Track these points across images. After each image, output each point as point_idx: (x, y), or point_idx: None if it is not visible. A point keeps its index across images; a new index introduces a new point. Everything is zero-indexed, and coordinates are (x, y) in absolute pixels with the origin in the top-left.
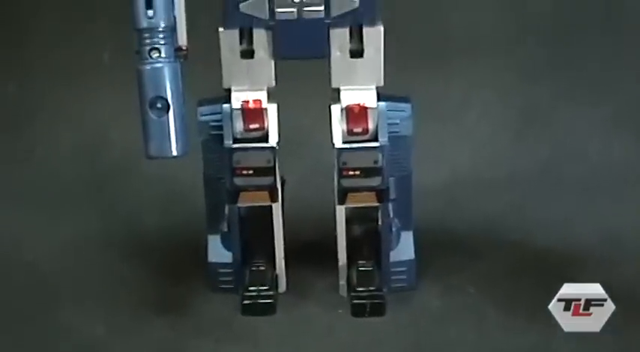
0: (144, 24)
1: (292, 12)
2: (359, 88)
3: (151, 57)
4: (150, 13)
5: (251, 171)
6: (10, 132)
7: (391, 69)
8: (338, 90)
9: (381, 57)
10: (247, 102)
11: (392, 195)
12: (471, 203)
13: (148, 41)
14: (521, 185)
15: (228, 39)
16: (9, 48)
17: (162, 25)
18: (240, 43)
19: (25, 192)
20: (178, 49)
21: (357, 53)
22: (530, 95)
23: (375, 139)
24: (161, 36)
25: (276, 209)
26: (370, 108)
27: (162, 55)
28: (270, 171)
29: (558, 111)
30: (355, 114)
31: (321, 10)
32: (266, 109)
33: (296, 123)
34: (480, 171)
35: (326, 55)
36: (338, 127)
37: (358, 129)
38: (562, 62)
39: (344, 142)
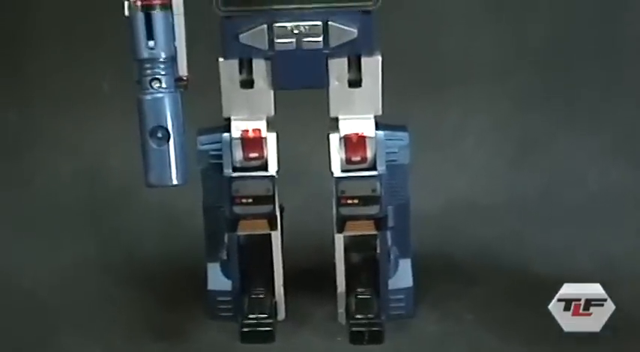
0: (145, 55)
1: (291, 43)
2: (357, 117)
3: (151, 87)
4: (151, 44)
5: (250, 200)
6: (10, 158)
7: (389, 96)
8: (336, 120)
9: (379, 86)
10: (247, 131)
11: (390, 223)
12: (469, 230)
13: (149, 71)
14: (519, 212)
15: (228, 69)
16: (10, 76)
17: (163, 55)
18: (240, 73)
19: (24, 218)
20: (179, 79)
21: (355, 83)
22: (527, 122)
23: (374, 168)
24: (162, 66)
25: (275, 237)
26: (368, 137)
27: (163, 85)
28: (269, 199)
29: (556, 139)
30: (353, 144)
31: (319, 41)
32: (265, 138)
33: (295, 152)
34: (478, 198)
35: (324, 85)
36: (337, 156)
37: (356, 158)
38: (559, 90)
39: (342, 171)
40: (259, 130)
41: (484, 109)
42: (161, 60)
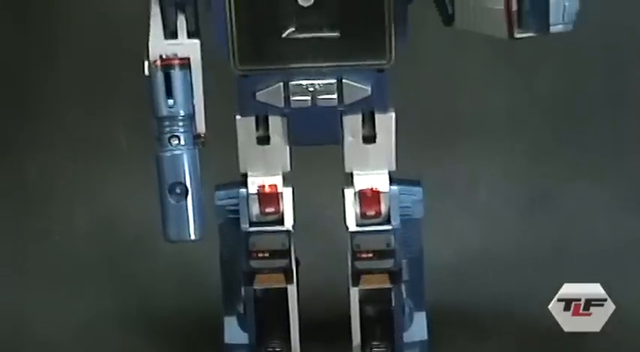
0: (164, 112)
1: (307, 100)
2: (371, 173)
3: (170, 144)
4: (170, 102)
5: (267, 254)
6: (29, 211)
7: (403, 149)
8: (351, 175)
9: (392, 142)
10: (263, 186)
11: (404, 277)
12: (482, 282)
13: (167, 129)
14: (532, 263)
15: (245, 126)
16: (30, 130)
17: (182, 113)
18: (257, 130)
19: (40, 270)
20: (197, 136)
21: (369, 139)
22: (538, 175)
23: (388, 222)
24: (180, 124)
25: (292, 290)
26: (382, 192)
27: (182, 142)
28: (285, 253)
29: (567, 190)
30: (368, 198)
31: (334, 98)
32: (281, 193)
33: (311, 207)
34: (490, 250)
35: (339, 141)
36: (351, 211)
37: (371, 213)
38: (571, 141)
39: (357, 225)
40: (275, 186)
41: (497, 161)
42: (180, 118)
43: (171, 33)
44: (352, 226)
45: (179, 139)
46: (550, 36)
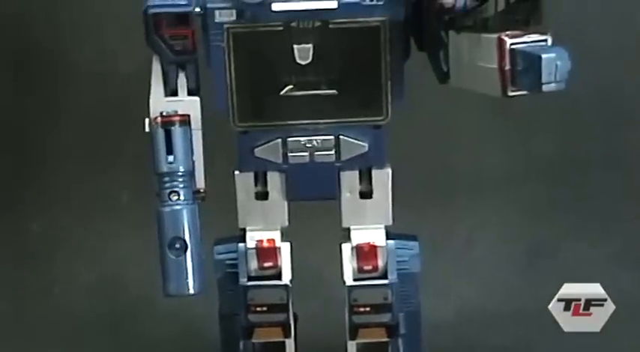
0: (164, 169)
1: (305, 156)
2: (368, 228)
3: (170, 200)
4: (170, 158)
5: (265, 308)
6: (31, 268)
7: (400, 206)
8: (348, 230)
9: (389, 198)
10: (261, 241)
11: (402, 330)
12: (479, 338)
13: (167, 185)
14: (530, 320)
15: (244, 181)
16: (33, 188)
17: (182, 169)
18: (255, 185)
19: (40, 328)
20: (196, 191)
21: (366, 194)
22: (536, 231)
23: (385, 276)
24: (180, 180)
25: (289, 345)
26: (379, 246)
27: (182, 198)
28: (283, 307)
29: (565, 247)
30: (365, 253)
31: (332, 155)
32: (279, 248)
33: (308, 261)
34: (488, 307)
35: (336, 197)
36: (348, 265)
37: (368, 267)
38: (568, 199)
39: (354, 280)
40: (273, 240)
41: (494, 218)
42: (180, 174)
43: (171, 90)
44: (349, 280)
45: (179, 195)
46: (544, 94)
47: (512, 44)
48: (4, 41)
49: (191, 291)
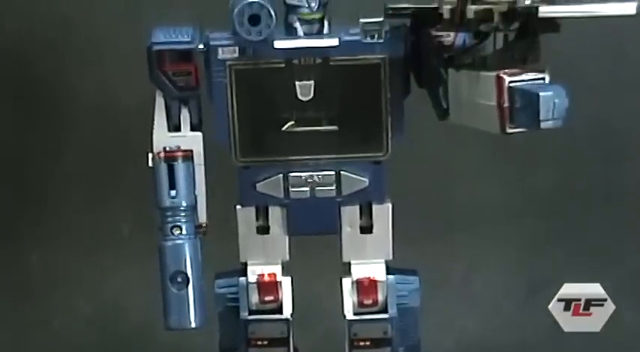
0: (167, 203)
1: (306, 191)
2: (369, 262)
3: (172, 234)
4: (173, 193)
5: (266, 342)
6: (31, 300)
7: (400, 240)
8: (349, 264)
9: (389, 232)
10: (262, 275)
11: None
12: None
13: (170, 219)
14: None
15: (245, 216)
16: (34, 220)
17: (184, 204)
18: (257, 220)
19: None
20: (198, 225)
21: (366, 229)
22: (534, 265)
23: (385, 311)
24: (183, 214)
25: None
26: (379, 281)
27: (184, 232)
28: (284, 341)
29: (562, 281)
30: (365, 287)
31: (332, 190)
32: (280, 282)
33: (309, 295)
34: (487, 340)
35: (337, 231)
36: (349, 300)
37: (368, 302)
38: (565, 233)
39: (355, 314)
40: (274, 275)
41: (493, 253)
42: (182, 208)
43: (174, 126)
44: (350, 314)
45: (181, 229)
46: (542, 130)
47: (510, 82)
48: (5, 74)
49: (192, 325)
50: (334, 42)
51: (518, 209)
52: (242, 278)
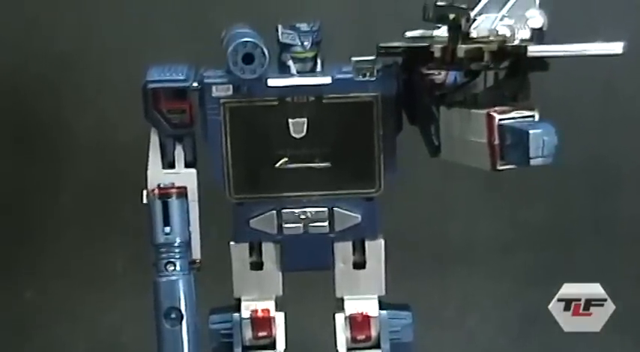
0: (161, 240)
1: (299, 227)
2: (362, 298)
3: (166, 270)
4: (167, 229)
5: None
6: (26, 336)
7: (392, 275)
8: (342, 300)
9: (382, 268)
10: (256, 311)
11: None
12: None
13: (164, 256)
14: None
15: (239, 252)
16: (29, 257)
17: (179, 241)
18: (250, 256)
19: None
20: (192, 262)
21: (359, 265)
22: (528, 299)
23: (378, 346)
24: (177, 251)
25: None
26: (372, 317)
27: (178, 268)
28: None
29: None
30: (358, 323)
31: (325, 226)
32: (274, 318)
33: (302, 330)
34: None
35: (330, 267)
36: (342, 335)
37: (361, 337)
38: (557, 266)
39: (348, 349)
40: (268, 310)
41: (487, 286)
42: (176, 245)
43: (169, 162)
44: (343, 350)
45: (175, 266)
46: (533, 167)
47: (500, 120)
48: (2, 111)
49: None
50: (327, 80)
51: (511, 242)
52: (236, 314)
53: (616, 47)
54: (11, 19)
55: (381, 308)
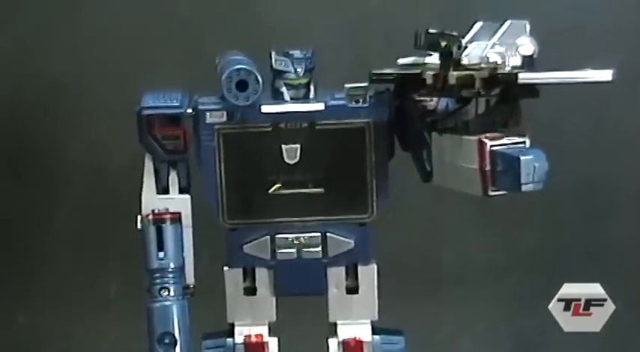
0: (155, 265)
1: (292, 253)
2: (354, 323)
3: (160, 295)
4: (161, 255)
5: None
6: None
7: (385, 299)
8: (335, 324)
9: (374, 293)
10: (249, 336)
11: None
12: None
13: (158, 281)
14: None
15: (233, 277)
16: (20, 280)
17: (172, 266)
18: (244, 281)
19: None
20: (186, 287)
21: (352, 290)
22: (521, 322)
23: None
24: (171, 276)
25: None
26: (365, 342)
27: (171, 293)
28: None
29: (550, 338)
30: (351, 348)
31: (318, 251)
32: (267, 343)
33: None
34: None
35: (323, 292)
36: None
37: None
38: (550, 290)
39: None
40: (261, 335)
41: (479, 310)
42: (170, 270)
43: (163, 188)
44: None
45: (169, 291)
46: (524, 193)
47: (492, 146)
48: None
49: None
50: (320, 107)
51: (503, 266)
52: (229, 339)
53: (605, 75)
54: (5, 44)
55: (373, 332)
